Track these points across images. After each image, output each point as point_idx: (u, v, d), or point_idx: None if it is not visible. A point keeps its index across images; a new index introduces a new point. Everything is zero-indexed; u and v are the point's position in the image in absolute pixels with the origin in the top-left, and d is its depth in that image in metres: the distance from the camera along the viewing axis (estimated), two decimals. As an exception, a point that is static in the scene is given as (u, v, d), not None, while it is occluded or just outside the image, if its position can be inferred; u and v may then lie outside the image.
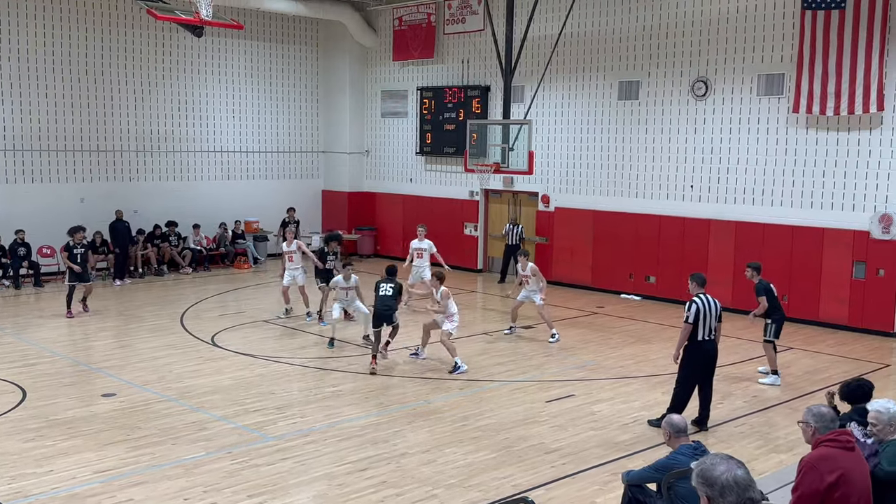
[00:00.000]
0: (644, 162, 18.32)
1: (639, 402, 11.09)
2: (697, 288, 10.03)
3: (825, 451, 5.35)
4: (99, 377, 11.92)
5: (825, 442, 5.41)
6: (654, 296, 18.21)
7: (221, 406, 10.63)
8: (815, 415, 5.72)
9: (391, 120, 23.91)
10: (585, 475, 8.60)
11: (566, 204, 19.77)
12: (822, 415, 5.71)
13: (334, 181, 24.93)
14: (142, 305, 17.13)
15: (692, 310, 9.74)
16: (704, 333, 9.81)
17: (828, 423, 5.64)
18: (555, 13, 19.30)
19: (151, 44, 21.36)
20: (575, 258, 19.58)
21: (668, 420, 6.74)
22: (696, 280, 10.13)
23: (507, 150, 16.80)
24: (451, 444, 9.41)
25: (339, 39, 24.16)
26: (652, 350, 13.92)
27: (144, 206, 21.33)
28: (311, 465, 8.70)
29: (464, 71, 21.86)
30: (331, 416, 10.33)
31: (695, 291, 9.99)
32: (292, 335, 14.72)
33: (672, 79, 17.72)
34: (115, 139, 21.00)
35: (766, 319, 12.25)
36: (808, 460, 5.34)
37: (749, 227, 16.68)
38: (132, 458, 8.85)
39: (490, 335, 14.91)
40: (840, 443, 5.35)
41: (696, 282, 10.10)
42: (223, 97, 22.87)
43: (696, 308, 9.74)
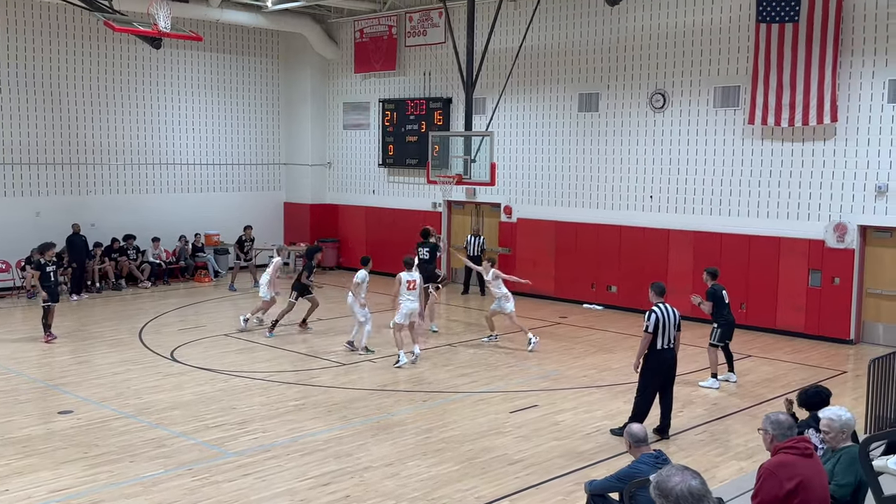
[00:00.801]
0: (604, 173, 18.51)
1: (601, 411, 11.16)
2: (656, 297, 10.15)
3: (784, 457, 5.42)
4: (55, 394, 11.70)
5: (784, 449, 5.48)
6: (615, 305, 18.36)
7: (181, 422, 10.48)
8: (773, 422, 5.79)
9: (353, 132, 23.87)
10: (549, 485, 8.63)
11: (528, 215, 19.88)
12: (780, 422, 5.79)
13: (296, 193, 24.80)
14: (100, 321, 16.85)
15: (651, 319, 9.85)
16: (664, 342, 9.91)
17: (785, 431, 5.72)
18: (515, 26, 19.46)
19: (109, 56, 21.10)
20: (537, 268, 19.66)
21: (628, 430, 6.80)
22: (655, 289, 10.26)
23: (469, 161, 16.87)
24: (414, 456, 9.38)
25: (300, 51, 24.09)
26: (614, 359, 14.03)
27: (102, 220, 21.00)
28: (273, 481, 8.61)
29: (426, 83, 21.92)
30: (293, 430, 10.25)
31: (654, 301, 10.11)
32: (254, 349, 14.58)
33: (631, 91, 17.94)
34: (71, 152, 20.68)
35: (713, 324, 12.50)
36: (766, 467, 5.40)
37: (707, 237, 16.92)
38: (89, 476, 8.68)
39: (453, 346, 14.91)
40: (799, 450, 5.42)
41: (655, 291, 10.23)
42: (183, 109, 22.65)
43: (655, 317, 9.85)
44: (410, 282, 13.71)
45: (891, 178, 14.74)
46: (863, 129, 14.99)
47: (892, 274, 15.10)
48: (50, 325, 15.00)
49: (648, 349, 9.92)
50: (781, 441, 5.64)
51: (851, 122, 15.09)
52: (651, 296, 10.23)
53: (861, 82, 14.91)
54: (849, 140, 15.16)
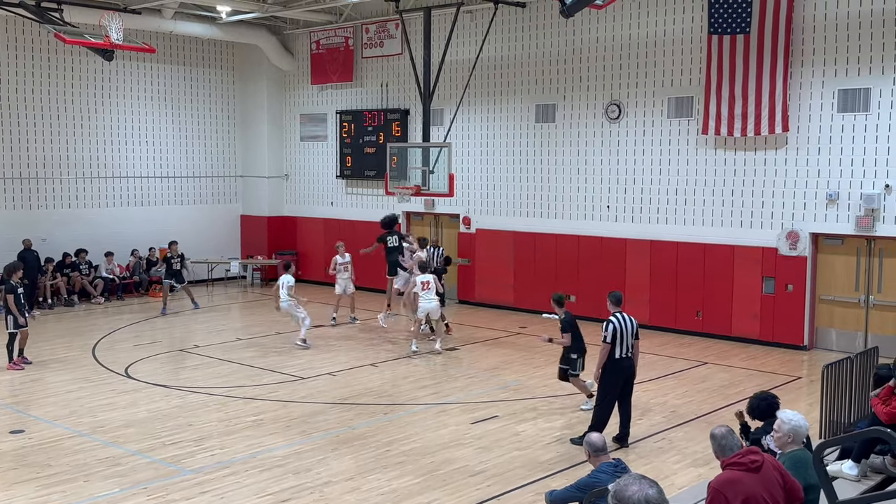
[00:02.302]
0: (562, 183, 18.64)
1: (561, 420, 11.20)
2: (614, 307, 10.24)
3: (731, 474, 5.37)
4: (6, 413, 11.40)
5: (731, 465, 5.45)
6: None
7: (136, 440, 10.29)
8: (712, 436, 5.83)
9: (311, 144, 23.75)
10: (510, 496, 8.62)
11: (487, 225, 19.93)
12: (715, 436, 5.80)
13: (253, 206, 24.57)
14: (52, 337, 16.47)
15: (609, 329, 9.92)
16: (622, 351, 9.99)
17: (720, 441, 5.74)
18: (472, 37, 19.55)
19: (60, 68, 20.73)
20: (497, 279, 19.73)
21: (587, 439, 6.82)
22: (612, 299, 10.35)
23: (428, 172, 16.86)
24: (375, 470, 9.31)
25: (255, 63, 23.92)
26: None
27: (53, 234, 20.58)
28: (232, 499, 8.48)
29: (383, 94, 21.90)
30: (252, 446, 10.11)
31: (612, 310, 10.19)
32: (211, 364, 14.38)
33: (587, 102, 18.12)
34: (22, 166, 20.25)
35: (572, 354, 11.47)
36: (713, 485, 5.36)
37: (663, 246, 17.12)
38: (42, 497, 8.47)
39: (414, 358, 14.86)
40: (744, 465, 5.37)
41: (613, 301, 10.32)
42: (137, 121, 22.32)
43: (612, 327, 9.93)
44: (425, 283, 14.93)
45: (841, 186, 15.06)
46: (813, 139, 15.30)
47: (844, 280, 15.41)
48: (23, 349, 14.19)
49: (607, 359, 9.98)
50: (725, 454, 5.63)
51: (802, 132, 15.39)
52: (609, 305, 10.31)
53: (811, 92, 15.23)
54: (800, 149, 15.47)
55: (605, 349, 9.94)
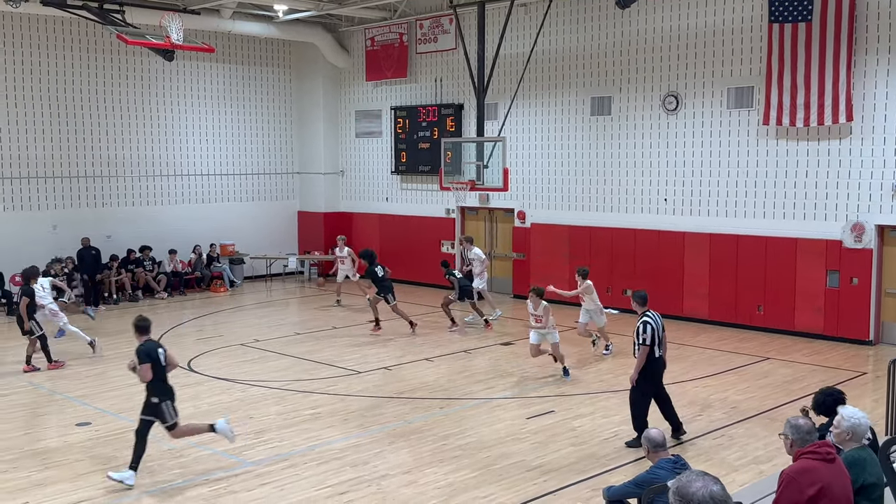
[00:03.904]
0: (618, 176, 18.45)
1: (619, 416, 11.08)
2: (641, 307, 9.97)
3: (805, 463, 5.35)
4: (73, 406, 11.76)
5: (805, 454, 5.41)
6: (631, 309, 18.19)
7: (199, 432, 10.49)
8: (793, 427, 5.74)
9: (366, 140, 23.92)
10: (567, 492, 8.58)
11: (542, 220, 19.84)
12: (800, 427, 5.73)
13: (310, 202, 24.87)
14: (116, 332, 16.91)
15: (648, 331, 9.71)
16: (660, 350, 9.84)
17: (804, 435, 5.66)
18: (526, 30, 19.45)
19: (122, 69, 21.26)
20: (552, 273, 19.59)
21: (646, 435, 6.75)
22: (639, 299, 10.06)
23: (482, 167, 16.86)
24: (431, 464, 9.36)
25: (311, 61, 24.18)
26: (631, 363, 13.85)
27: (118, 232, 21.15)
28: (291, 491, 8.61)
29: (437, 89, 21.94)
30: (310, 439, 10.24)
31: (640, 310, 9.94)
32: (270, 358, 14.60)
33: (643, 94, 17.88)
34: (87, 165, 20.84)
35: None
36: (788, 473, 5.34)
37: (723, 239, 16.81)
38: (108, 487, 8.71)
39: (469, 353, 14.88)
40: (820, 454, 5.34)
41: (640, 301, 10.04)
42: (197, 120, 22.77)
43: (651, 328, 9.73)
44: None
45: (908, 176, 14.61)
46: (878, 128, 14.86)
47: (912, 273, 14.96)
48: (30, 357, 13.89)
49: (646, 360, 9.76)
50: (802, 446, 5.57)
51: (867, 121, 14.96)
52: (636, 306, 10.03)
53: (876, 81, 14.79)
54: (864, 139, 15.04)
55: (645, 351, 9.72)
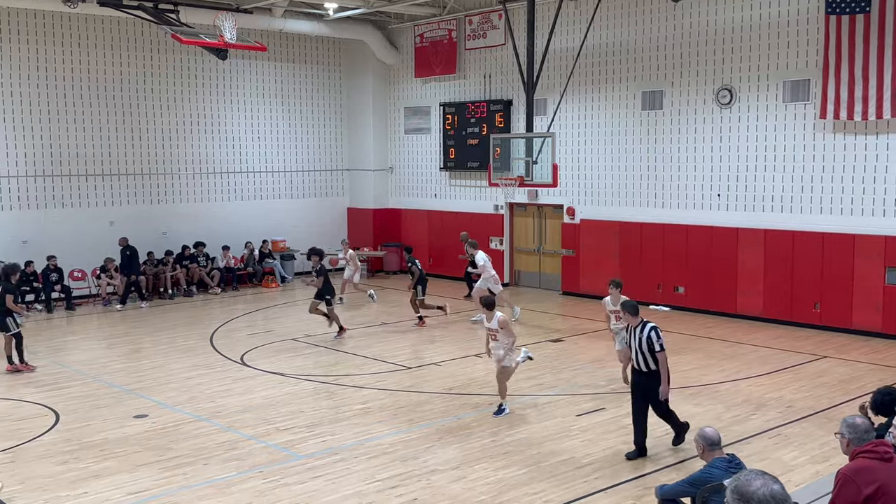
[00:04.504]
0: (670, 171, 18.22)
1: (670, 414, 10.96)
2: (635, 316, 9.33)
3: (862, 462, 5.25)
4: (131, 398, 12.02)
5: (862, 453, 5.31)
6: (683, 306, 18.04)
7: (252, 425, 10.67)
8: (850, 426, 5.63)
9: (414, 136, 24.00)
10: (618, 490, 8.51)
11: (592, 216, 19.69)
12: (857, 426, 5.61)
13: (359, 198, 25.04)
14: (172, 326, 17.27)
15: (662, 336, 9.23)
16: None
17: (862, 435, 5.54)
18: (576, 25, 19.30)
19: (177, 68, 21.64)
20: (602, 270, 19.45)
21: (701, 433, 6.65)
22: (633, 310, 9.38)
23: (531, 163, 16.78)
24: (481, 460, 9.36)
25: (361, 58, 24.34)
26: (682, 361, 13.77)
27: (173, 228, 21.57)
28: (342, 484, 8.69)
29: (486, 85, 21.90)
30: (360, 433, 10.32)
31: (635, 320, 9.31)
32: (321, 353, 14.76)
33: (696, 87, 17.62)
34: (143, 162, 21.27)
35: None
36: (844, 472, 5.24)
37: (778, 235, 16.50)
38: (165, 479, 8.89)
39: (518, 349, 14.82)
40: (878, 454, 5.24)
41: (633, 311, 9.38)
42: (249, 118, 23.09)
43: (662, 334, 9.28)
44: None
45: (972, 170, 14.16)
46: (941, 121, 14.44)
47: (976, 270, 14.50)
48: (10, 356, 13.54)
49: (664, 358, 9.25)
50: (859, 445, 5.46)
51: (929, 114, 14.54)
52: (627, 316, 9.38)
53: (939, 72, 14.36)
54: (926, 132, 14.62)
55: (666, 358, 9.22)
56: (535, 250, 21.44)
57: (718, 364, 13.62)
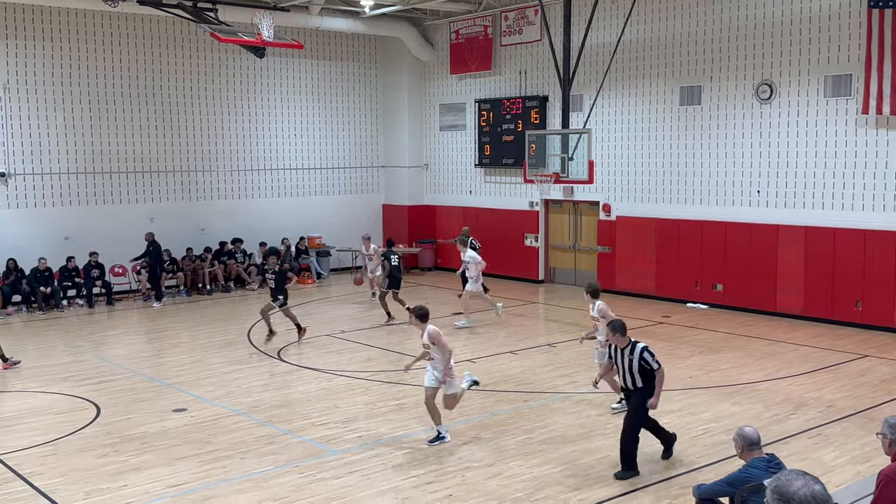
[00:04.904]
0: (708, 168, 18.01)
1: (709, 413, 10.86)
2: (623, 335, 8.79)
3: None
4: (170, 392, 12.19)
5: None
6: (722, 304, 17.84)
7: (289, 420, 10.76)
8: (892, 426, 5.54)
9: (450, 133, 24.00)
10: (654, 489, 8.45)
11: (628, 212, 19.54)
12: None
13: (394, 195, 25.12)
14: (210, 322, 17.47)
15: (656, 354, 8.78)
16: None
17: None
18: (613, 20, 19.16)
19: (215, 66, 21.87)
20: (638, 267, 19.32)
21: (740, 433, 6.56)
22: (621, 328, 8.85)
23: (567, 159, 16.70)
24: (516, 457, 9.34)
25: (397, 55, 24.39)
26: (721, 360, 13.63)
27: (211, 224, 21.82)
28: (377, 479, 8.73)
29: (521, 82, 21.83)
30: (395, 428, 10.36)
31: (624, 340, 8.77)
32: (356, 349, 14.83)
33: (735, 82, 17.40)
34: (182, 159, 21.54)
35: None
36: (886, 473, 5.15)
37: (819, 232, 16.24)
38: (203, 472, 9.00)
39: (553, 346, 14.78)
40: None
41: (621, 329, 8.83)
42: (285, 116, 23.27)
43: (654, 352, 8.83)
44: None
45: None
46: None
47: None
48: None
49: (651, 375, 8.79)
50: None
51: (976, 108, 14.20)
52: (616, 337, 8.80)
53: None
54: (974, 127, 14.29)
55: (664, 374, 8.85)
56: (570, 247, 21.34)
57: (757, 363, 13.44)
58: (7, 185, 19.08)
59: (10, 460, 9.36)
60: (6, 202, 19.10)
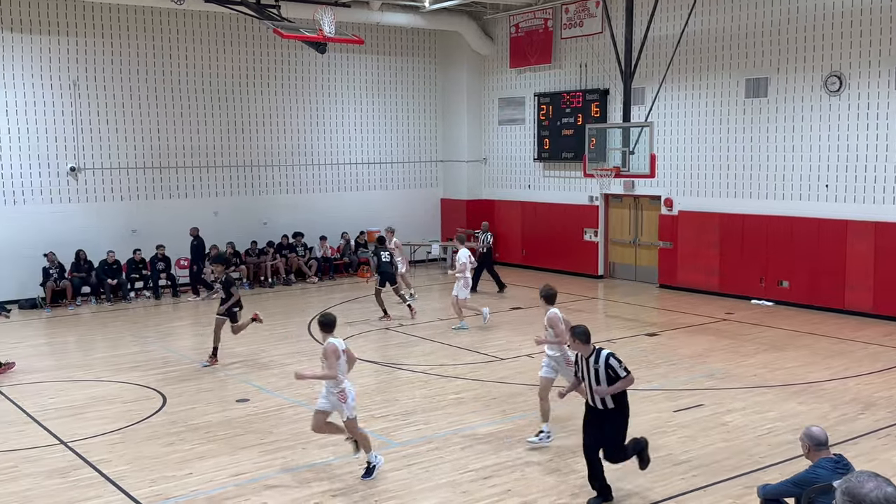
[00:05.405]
0: (774, 161, 17.59)
1: (774, 412, 10.62)
2: (586, 343, 7.94)
3: None
4: (233, 383, 12.42)
5: None
6: (787, 301, 17.43)
7: (348, 412, 10.84)
8: None
9: (508, 127, 23.91)
10: (717, 488, 8.30)
11: (691, 207, 19.21)
12: None
13: (452, 189, 25.13)
14: (271, 314, 17.71)
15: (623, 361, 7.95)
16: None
17: None
18: (677, 11, 18.83)
19: (278, 62, 22.17)
20: (701, 263, 18.99)
21: (807, 433, 6.40)
22: (584, 336, 7.96)
23: (628, 153, 16.49)
24: (575, 453, 9.25)
25: (456, 49, 24.39)
26: (787, 358, 13.32)
27: (273, 218, 22.15)
28: (435, 473, 8.76)
29: (582, 75, 21.62)
30: (454, 423, 10.38)
31: (587, 349, 7.92)
32: (415, 343, 14.90)
33: (803, 74, 16.95)
34: (245, 154, 21.90)
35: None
36: None
37: (890, 227, 15.73)
38: (266, 461, 9.15)
39: (613, 343, 14.63)
40: None
41: (584, 338, 7.96)
42: (345, 111, 23.47)
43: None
44: None
45: None
46: None
47: None
48: None
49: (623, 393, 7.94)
50: None
51: None
52: (578, 345, 7.96)
53: None
54: None
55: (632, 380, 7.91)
56: (630, 242, 21.09)
57: (824, 361, 13.10)
58: (77, 179, 19.65)
59: (80, 447, 9.65)
60: (76, 196, 19.67)
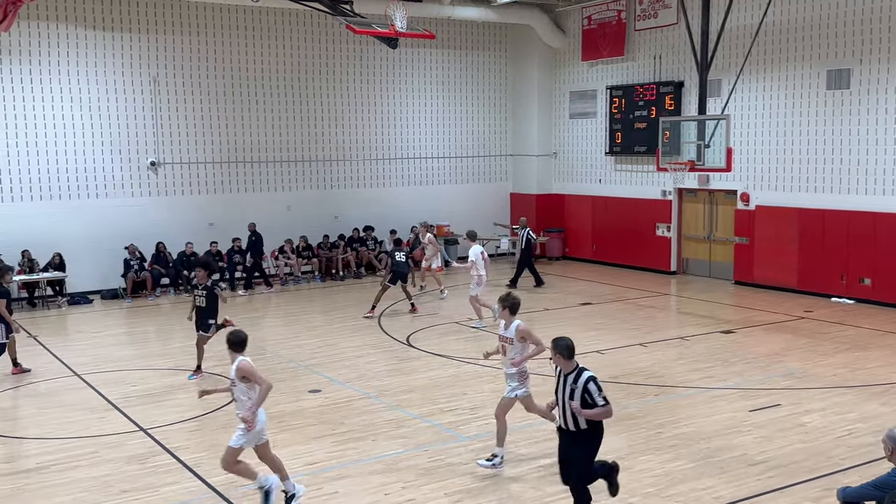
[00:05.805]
0: (856, 155, 17.00)
1: (854, 413, 10.29)
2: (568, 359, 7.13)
3: None
4: (306, 374, 12.62)
5: None
6: (869, 299, 16.85)
7: (417, 405, 10.93)
8: None
9: (579, 121, 23.68)
10: (795, 490, 8.09)
11: (768, 202, 18.71)
12: None
13: (522, 184, 25.02)
14: (343, 307, 17.97)
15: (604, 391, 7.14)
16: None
17: None
18: (755, 1, 18.34)
19: (350, 57, 22.40)
20: (778, 259, 18.49)
21: (890, 434, 6.19)
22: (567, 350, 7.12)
23: (703, 147, 16.17)
24: (646, 451, 9.15)
25: (527, 43, 24.25)
26: (869, 357, 12.88)
27: (345, 212, 22.42)
28: (503, 467, 8.75)
29: (655, 67, 21.26)
30: (522, 418, 10.31)
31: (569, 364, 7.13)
32: (484, 338, 14.89)
33: (888, 65, 16.32)
34: (317, 149, 22.21)
35: None
36: None
37: (982, 224, 15.06)
38: (338, 451, 9.29)
39: (686, 339, 14.38)
40: None
41: (567, 352, 7.12)
42: (416, 105, 23.58)
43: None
44: None
45: None
46: None
47: None
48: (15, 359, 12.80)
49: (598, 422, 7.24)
50: None
51: None
52: (559, 359, 7.15)
53: None
54: None
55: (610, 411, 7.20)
56: (704, 238, 20.66)
57: (909, 362, 12.64)
58: (157, 174, 20.22)
59: (158, 434, 9.95)
60: (155, 190, 20.25)
